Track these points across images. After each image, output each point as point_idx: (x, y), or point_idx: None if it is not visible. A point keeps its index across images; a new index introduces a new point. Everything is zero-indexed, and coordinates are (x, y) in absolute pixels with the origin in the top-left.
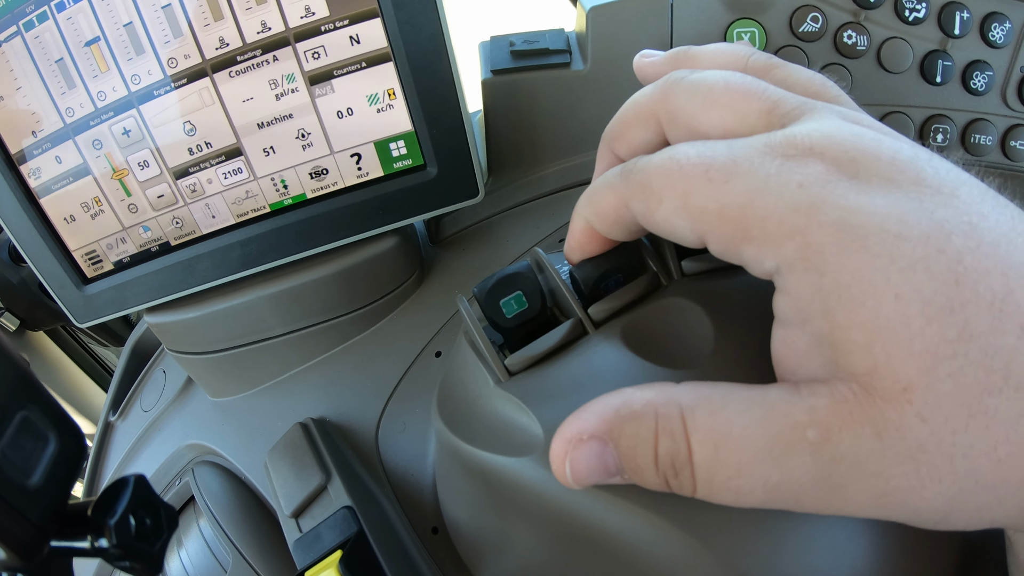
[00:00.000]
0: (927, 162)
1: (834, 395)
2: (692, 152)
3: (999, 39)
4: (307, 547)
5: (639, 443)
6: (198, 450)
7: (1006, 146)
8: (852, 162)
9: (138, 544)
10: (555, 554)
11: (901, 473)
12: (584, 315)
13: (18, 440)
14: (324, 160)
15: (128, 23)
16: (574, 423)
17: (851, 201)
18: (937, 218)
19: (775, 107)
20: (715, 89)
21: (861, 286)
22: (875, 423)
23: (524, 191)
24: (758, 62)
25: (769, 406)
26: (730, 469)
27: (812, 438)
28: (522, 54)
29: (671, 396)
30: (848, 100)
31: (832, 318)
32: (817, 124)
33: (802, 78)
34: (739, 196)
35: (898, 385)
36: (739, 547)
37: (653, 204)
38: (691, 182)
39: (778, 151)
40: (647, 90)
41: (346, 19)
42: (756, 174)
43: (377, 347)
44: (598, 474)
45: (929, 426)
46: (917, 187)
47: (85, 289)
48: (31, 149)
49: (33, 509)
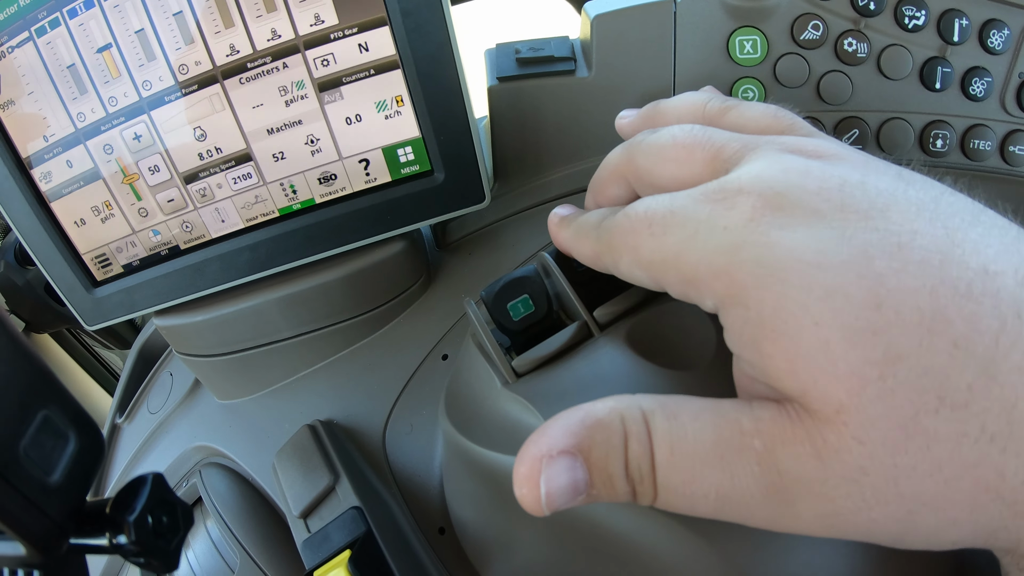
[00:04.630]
0: (857, 185)
1: (779, 411)
2: (640, 208)
3: (998, 46)
4: (316, 547)
5: (610, 450)
6: (205, 452)
7: (1005, 151)
8: (777, 196)
9: (156, 541)
10: (561, 554)
11: (845, 494)
12: (590, 318)
13: (39, 439)
14: (333, 165)
15: (140, 30)
16: (540, 441)
17: (772, 237)
18: (858, 243)
19: (718, 154)
20: (665, 147)
21: (781, 316)
22: (815, 443)
23: (529, 196)
24: (713, 108)
25: (720, 413)
26: (684, 473)
27: (758, 447)
28: (527, 61)
29: (631, 402)
30: (801, 126)
31: (759, 348)
32: (750, 166)
33: (754, 115)
34: (674, 245)
35: (831, 407)
36: (743, 547)
37: (616, 257)
38: (639, 237)
39: (711, 197)
40: (617, 152)
41: (355, 27)
42: (688, 222)
43: (384, 350)
44: (568, 492)
45: (867, 448)
46: (842, 214)
47: (94, 292)
48: (42, 153)
49: (53, 506)
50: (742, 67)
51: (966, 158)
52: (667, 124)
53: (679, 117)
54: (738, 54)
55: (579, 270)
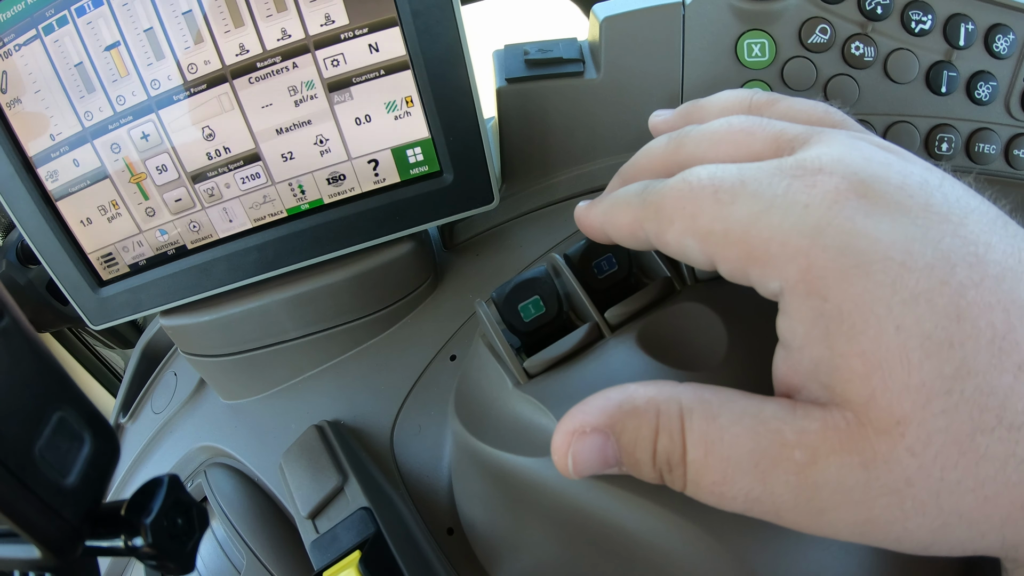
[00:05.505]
0: (937, 187)
1: (827, 421)
2: (704, 174)
3: (1003, 50)
4: (325, 548)
5: (639, 439)
6: (210, 452)
7: (1009, 155)
8: (861, 184)
9: (172, 543)
10: (571, 553)
11: (885, 504)
12: (601, 319)
13: (55, 441)
14: (341, 166)
15: (148, 28)
16: (577, 416)
17: (857, 225)
18: (943, 248)
19: (780, 135)
20: (720, 131)
21: (863, 314)
22: (863, 454)
23: (537, 197)
24: (760, 100)
25: (762, 420)
26: (716, 475)
27: (799, 459)
28: (536, 63)
29: (672, 395)
30: (853, 123)
31: (832, 344)
32: (827, 148)
33: (805, 108)
34: (744, 216)
35: (892, 418)
36: (752, 545)
37: (665, 225)
38: (700, 203)
39: (788, 172)
40: (661, 140)
41: (365, 27)
42: (763, 195)
43: (392, 350)
44: (598, 465)
45: (918, 460)
46: (925, 214)
47: (100, 291)
48: (48, 152)
49: (69, 508)
50: (750, 70)
51: (971, 161)
52: (709, 119)
53: (723, 110)
54: (746, 57)
55: (600, 276)
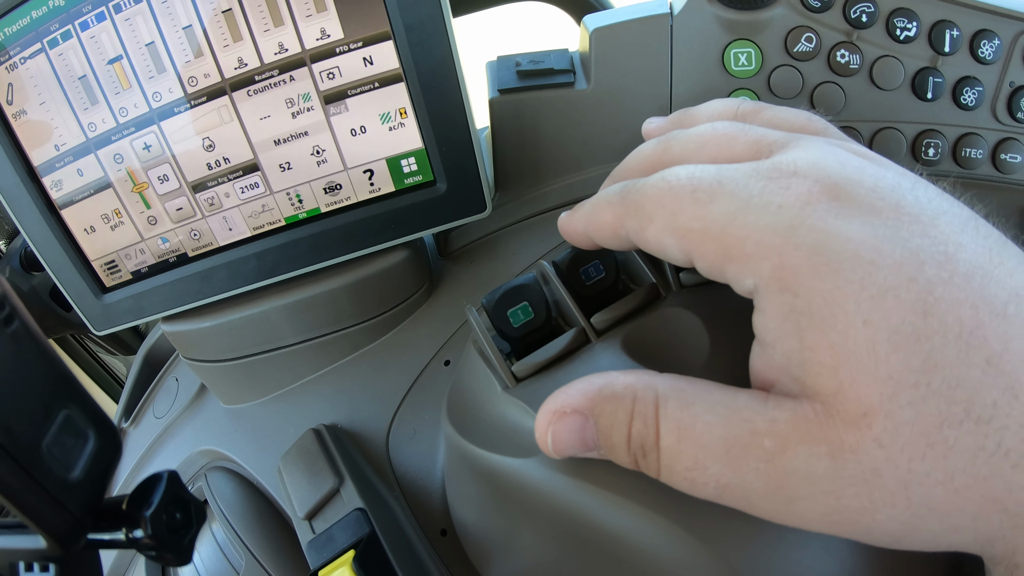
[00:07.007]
0: (909, 190)
1: (797, 411)
2: (683, 173)
3: (988, 56)
4: (320, 547)
5: (615, 423)
6: (211, 456)
7: (996, 159)
8: (834, 187)
9: (170, 536)
10: (560, 553)
11: (853, 494)
12: (587, 324)
13: (60, 437)
14: (338, 176)
15: (150, 43)
16: (560, 397)
17: (828, 225)
18: (912, 247)
19: (760, 140)
20: (704, 135)
21: (832, 309)
22: (831, 444)
23: (530, 206)
24: (746, 109)
25: (734, 409)
26: (688, 460)
27: (768, 447)
28: (528, 74)
29: (649, 383)
30: (835, 131)
31: (803, 338)
32: (803, 152)
33: (788, 116)
34: (721, 215)
35: (859, 409)
36: (737, 545)
37: (644, 222)
38: (679, 201)
39: (764, 174)
40: (650, 144)
41: (360, 41)
42: (739, 195)
43: (387, 356)
44: (576, 446)
45: (886, 452)
46: (896, 215)
47: (103, 298)
48: (53, 162)
49: (73, 501)
50: (737, 79)
51: (958, 166)
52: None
53: (712, 118)
54: (733, 66)
55: (588, 283)
